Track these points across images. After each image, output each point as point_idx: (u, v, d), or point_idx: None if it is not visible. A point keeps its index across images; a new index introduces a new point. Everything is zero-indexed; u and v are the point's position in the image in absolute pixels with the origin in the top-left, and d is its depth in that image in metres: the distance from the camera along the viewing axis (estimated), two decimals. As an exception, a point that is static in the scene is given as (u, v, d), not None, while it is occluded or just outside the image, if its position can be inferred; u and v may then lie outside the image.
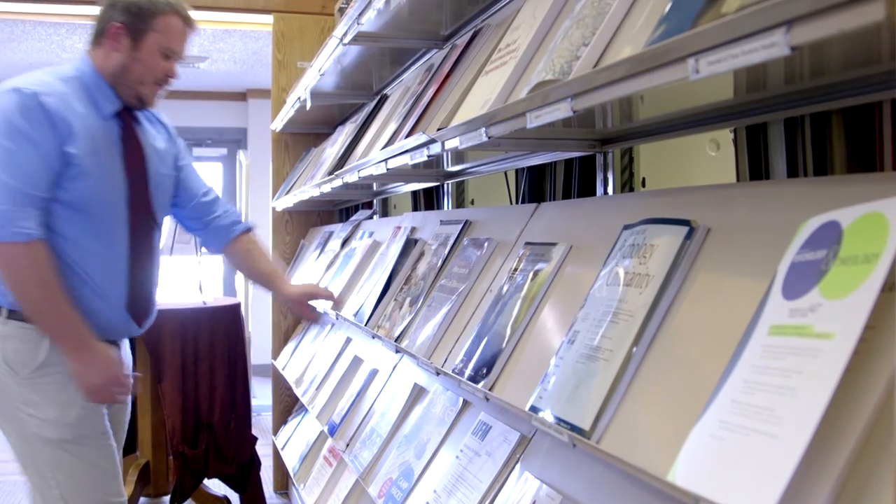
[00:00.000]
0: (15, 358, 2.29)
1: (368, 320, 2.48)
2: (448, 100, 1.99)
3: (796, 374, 0.83)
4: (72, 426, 2.31)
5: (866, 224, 0.85)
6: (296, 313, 2.85)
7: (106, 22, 2.39)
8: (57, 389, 2.31)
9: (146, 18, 2.37)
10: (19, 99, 2.21)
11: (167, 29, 2.41)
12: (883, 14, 0.65)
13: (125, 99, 2.43)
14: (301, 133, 5.05)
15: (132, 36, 2.38)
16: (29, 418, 2.29)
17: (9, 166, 2.19)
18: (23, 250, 2.20)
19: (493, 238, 2.00)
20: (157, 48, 2.40)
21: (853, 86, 1.25)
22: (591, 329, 1.31)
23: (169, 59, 2.44)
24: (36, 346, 2.30)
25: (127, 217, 2.43)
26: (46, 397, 2.30)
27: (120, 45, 2.38)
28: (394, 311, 2.36)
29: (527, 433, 1.67)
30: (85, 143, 2.28)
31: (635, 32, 1.15)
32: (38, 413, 2.29)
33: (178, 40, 2.45)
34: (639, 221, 1.36)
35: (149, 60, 2.40)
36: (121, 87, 2.41)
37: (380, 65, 3.37)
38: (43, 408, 2.29)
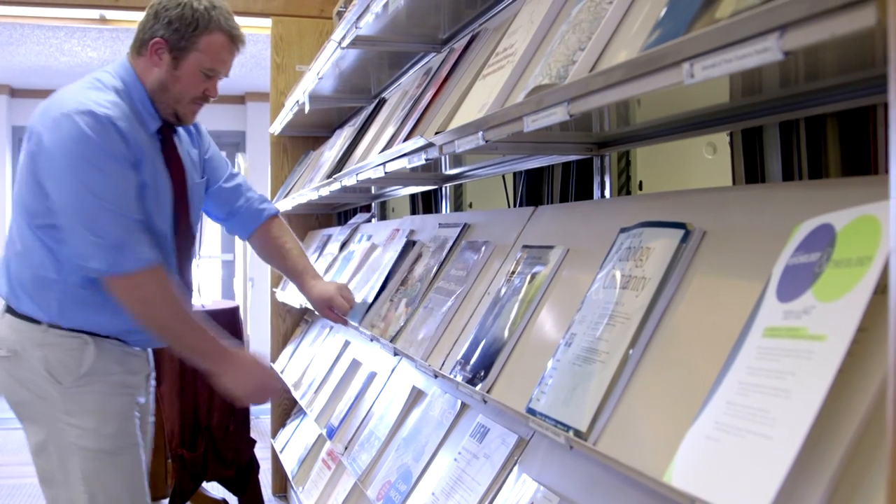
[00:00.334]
0: (58, 367, 2.24)
1: (362, 319, 2.48)
2: (446, 103, 2.00)
3: (790, 376, 0.84)
4: (111, 437, 2.28)
5: (859, 227, 0.85)
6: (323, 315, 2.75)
7: (148, 34, 2.28)
8: (98, 399, 2.28)
9: (189, 37, 2.25)
10: (96, 123, 2.11)
11: (210, 49, 2.28)
12: (874, 19, 0.66)
13: (163, 114, 2.34)
14: (299, 136, 5.05)
15: (173, 54, 2.27)
16: (68, 427, 2.24)
17: (107, 193, 2.12)
18: (147, 277, 2.16)
19: (490, 241, 2.01)
20: (198, 68, 2.29)
21: (848, 89, 1.26)
22: (587, 331, 1.31)
23: (210, 78, 2.33)
24: (80, 355, 2.26)
25: (172, 230, 2.38)
26: (87, 407, 2.26)
27: (160, 61, 2.27)
28: (389, 311, 2.37)
29: (524, 435, 1.68)
30: (146, 165, 2.24)
31: (631, 37, 1.16)
32: (78, 423, 2.24)
33: (222, 60, 2.33)
34: (635, 224, 1.37)
35: (188, 80, 2.30)
36: (159, 103, 2.31)
37: (378, 68, 3.38)
38: (84, 417, 2.25)
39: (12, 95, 9.04)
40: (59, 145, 2.12)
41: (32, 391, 2.27)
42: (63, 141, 2.11)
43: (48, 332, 2.25)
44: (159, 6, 2.28)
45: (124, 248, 2.13)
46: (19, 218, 2.28)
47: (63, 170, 2.12)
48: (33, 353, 2.25)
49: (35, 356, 2.25)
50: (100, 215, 2.11)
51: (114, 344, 2.32)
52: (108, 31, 6.46)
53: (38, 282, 2.25)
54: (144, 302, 2.19)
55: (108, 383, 2.29)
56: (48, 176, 2.15)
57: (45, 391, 2.25)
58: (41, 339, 2.25)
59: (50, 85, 8.56)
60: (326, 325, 3.98)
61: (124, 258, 2.13)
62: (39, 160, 2.16)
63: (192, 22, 2.25)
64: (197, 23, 2.25)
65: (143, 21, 2.31)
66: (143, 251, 2.15)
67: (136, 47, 2.33)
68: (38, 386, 2.25)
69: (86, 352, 2.26)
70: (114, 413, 2.30)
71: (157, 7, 2.28)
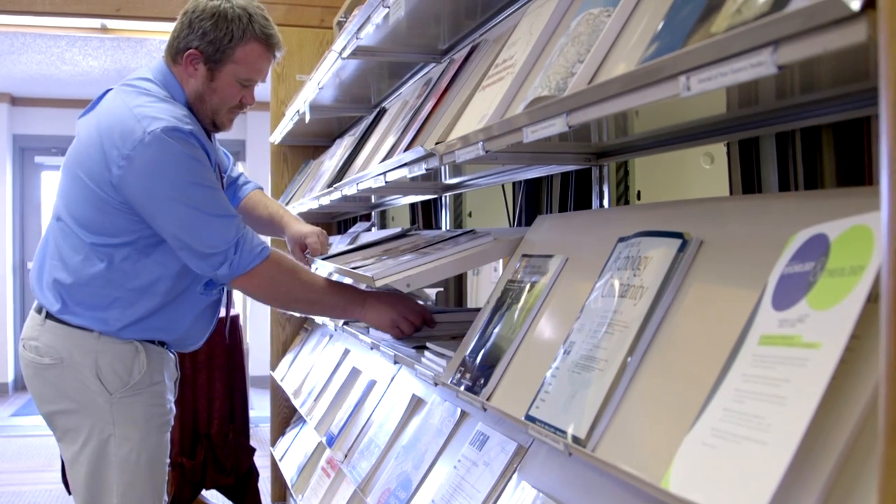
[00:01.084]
0: (110, 375, 2.25)
1: (369, 329, 2.50)
2: (446, 114, 2.02)
3: (785, 383, 0.85)
4: (151, 449, 2.29)
5: (853, 237, 0.87)
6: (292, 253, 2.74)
7: (183, 43, 2.27)
8: (144, 410, 2.29)
9: (224, 49, 2.25)
10: (184, 138, 2.13)
11: (247, 59, 2.28)
12: (865, 35, 0.68)
13: (201, 122, 2.34)
14: (300, 145, 5.08)
15: (208, 66, 2.27)
16: (111, 438, 2.25)
17: (212, 203, 2.17)
18: (269, 265, 2.21)
19: (490, 250, 2.03)
20: (234, 79, 2.29)
21: (843, 101, 1.28)
22: (586, 339, 1.33)
23: (247, 87, 2.35)
24: (131, 364, 2.27)
25: None
26: (134, 417, 2.27)
27: (196, 72, 2.28)
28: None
29: (524, 443, 1.69)
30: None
31: (629, 49, 1.18)
32: (122, 433, 2.25)
33: (258, 69, 2.34)
34: (633, 234, 1.38)
35: (225, 91, 2.31)
36: (197, 112, 2.33)
37: (378, 78, 3.40)
38: (129, 428, 2.26)
39: (13, 104, 9.06)
40: (156, 167, 2.12)
41: (76, 400, 2.26)
42: (161, 162, 2.11)
43: (100, 339, 2.25)
44: (193, 15, 2.26)
45: (241, 249, 2.17)
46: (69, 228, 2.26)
47: (165, 190, 2.13)
48: (83, 360, 2.24)
49: (85, 364, 2.24)
50: (211, 227, 2.15)
51: (158, 351, 2.34)
52: (110, 41, 6.49)
53: (91, 292, 2.24)
54: (277, 289, 2.25)
55: (152, 393, 2.31)
56: (147, 196, 2.15)
57: (90, 400, 2.24)
58: (93, 346, 2.25)
59: (50, 94, 8.69)
60: (326, 333, 3.99)
61: (244, 257, 2.18)
62: (129, 179, 2.14)
63: (228, 34, 2.24)
64: (232, 34, 2.24)
65: (178, 28, 2.29)
66: (258, 243, 2.21)
67: (171, 54, 2.32)
68: (84, 395, 2.25)
69: (137, 360, 2.27)
70: (156, 425, 2.32)
71: (190, 15, 2.26)
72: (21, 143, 9.19)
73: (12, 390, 9.00)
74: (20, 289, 9.20)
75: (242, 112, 2.43)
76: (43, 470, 5.82)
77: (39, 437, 6.54)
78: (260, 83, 2.40)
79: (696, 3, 0.98)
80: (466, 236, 2.14)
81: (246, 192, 2.85)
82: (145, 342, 2.30)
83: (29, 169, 9.32)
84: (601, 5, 1.32)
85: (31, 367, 2.31)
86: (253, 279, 2.21)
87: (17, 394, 8.93)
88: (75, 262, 2.25)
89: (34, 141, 9.12)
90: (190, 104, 2.31)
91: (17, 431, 7.02)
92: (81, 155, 2.25)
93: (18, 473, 5.79)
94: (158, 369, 2.34)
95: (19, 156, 9.27)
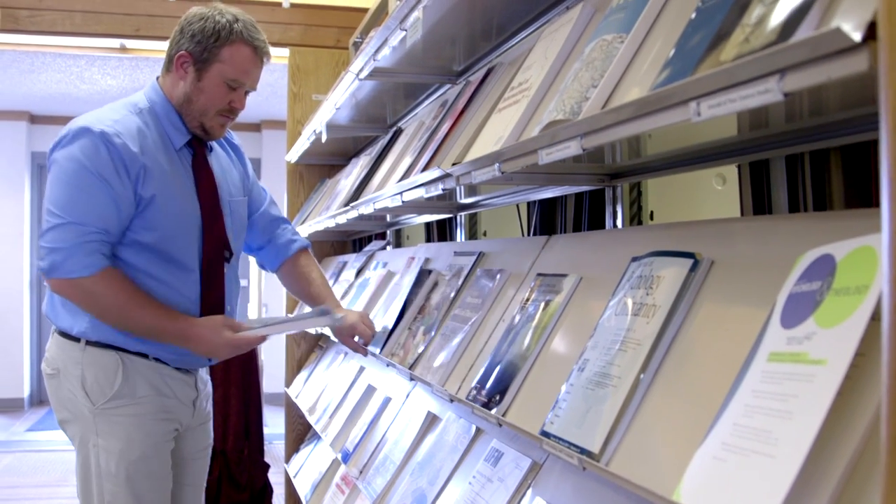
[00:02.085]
0: (93, 386, 2.29)
1: (383, 349, 2.53)
2: (463, 135, 2.05)
3: (792, 399, 0.88)
4: (134, 462, 2.29)
5: (858, 257, 0.90)
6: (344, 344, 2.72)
7: (175, 49, 2.35)
8: (125, 423, 2.30)
9: (211, 48, 2.31)
10: (88, 140, 2.20)
11: (233, 59, 2.33)
12: (866, 65, 0.71)
13: (191, 128, 2.39)
14: (316, 164, 5.12)
15: (197, 66, 2.33)
16: (93, 448, 2.29)
17: (76, 208, 2.19)
18: (90, 283, 2.21)
19: (505, 269, 2.06)
20: (221, 79, 2.34)
21: (850, 125, 1.31)
22: (600, 357, 1.36)
23: (235, 89, 2.37)
24: (113, 376, 2.30)
25: (199, 249, 2.40)
26: (114, 429, 2.29)
27: (185, 74, 2.34)
28: (407, 339, 2.41)
29: (538, 459, 1.72)
30: (158, 182, 2.29)
31: (642, 74, 1.21)
32: (104, 444, 2.28)
33: (245, 71, 2.36)
34: (646, 254, 1.41)
35: (212, 91, 2.35)
36: (186, 116, 2.38)
37: (394, 98, 3.44)
38: (110, 439, 2.29)
39: (32, 122, 9.17)
40: (54, 160, 2.26)
41: (70, 410, 2.33)
42: (58, 157, 2.25)
43: (86, 351, 2.30)
44: (185, 22, 2.36)
45: (67, 254, 2.19)
46: None
47: (49, 184, 2.27)
48: (73, 371, 2.31)
49: (74, 375, 2.30)
50: (56, 226, 2.20)
51: (150, 365, 2.35)
52: (128, 60, 6.57)
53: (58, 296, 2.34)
54: (92, 305, 2.26)
55: (138, 406, 2.32)
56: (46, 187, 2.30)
57: (80, 410, 2.30)
58: (80, 357, 2.31)
59: (69, 112, 8.78)
60: (341, 350, 4.02)
61: (68, 264, 2.19)
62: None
63: (214, 34, 2.31)
64: (219, 34, 2.31)
65: (171, 39, 2.39)
66: (91, 261, 2.20)
67: (165, 65, 2.42)
68: (74, 405, 2.31)
69: (117, 372, 2.30)
70: (141, 439, 2.32)
71: (182, 24, 2.36)
72: (39, 160, 9.29)
73: (28, 406, 9.06)
74: (37, 305, 9.27)
75: (232, 118, 2.45)
76: (58, 485, 5.85)
77: (55, 451, 6.59)
78: (251, 90, 2.44)
79: (707, 32, 1.02)
80: (485, 277, 2.19)
81: (291, 252, 2.80)
82: (131, 355, 2.33)
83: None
84: (615, 31, 1.35)
85: (44, 377, 2.43)
86: (68, 287, 2.24)
87: (33, 409, 8.99)
88: None
89: (52, 159, 9.21)
90: (179, 109, 2.38)
91: (32, 446, 7.07)
92: None
93: (34, 488, 5.83)
94: (146, 383, 2.34)
95: (38, 173, 9.37)
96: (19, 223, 9.05)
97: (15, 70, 7.06)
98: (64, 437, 2.44)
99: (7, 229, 9.02)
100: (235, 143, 2.69)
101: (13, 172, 9.06)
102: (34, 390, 9.21)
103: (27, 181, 9.13)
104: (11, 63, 6.80)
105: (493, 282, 2.06)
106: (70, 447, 2.42)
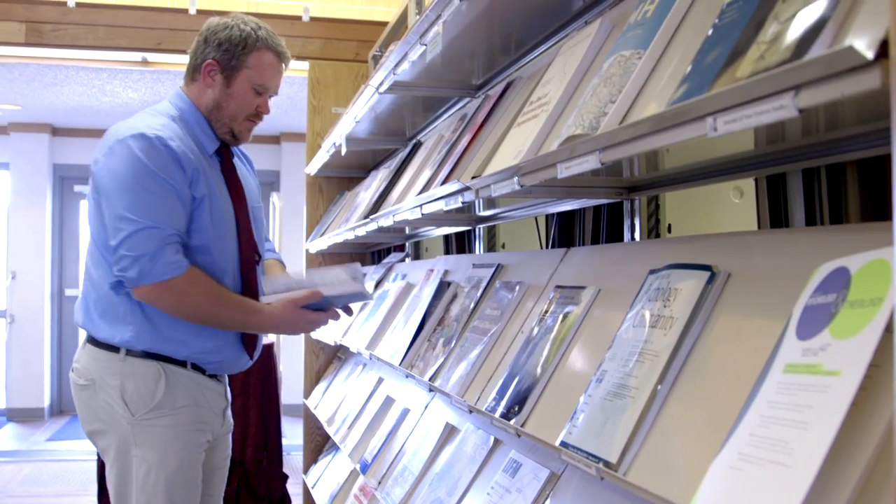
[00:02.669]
0: (133, 396, 2.31)
1: (403, 360, 2.54)
2: (482, 149, 2.07)
3: (807, 409, 0.90)
4: (172, 473, 2.32)
5: (872, 270, 0.92)
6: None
7: (200, 58, 2.43)
8: (165, 433, 2.33)
9: (239, 55, 2.40)
10: (148, 144, 2.25)
11: (260, 65, 2.43)
12: (879, 82, 0.73)
13: (220, 135, 2.47)
14: (335, 176, 5.15)
15: (225, 73, 2.42)
16: (133, 459, 2.31)
17: (150, 211, 2.23)
18: (181, 283, 2.26)
19: (524, 281, 2.07)
20: (249, 84, 2.43)
21: (866, 139, 1.32)
22: (618, 368, 1.37)
23: (261, 94, 2.47)
24: (154, 386, 2.32)
25: (237, 253, 2.46)
26: (154, 440, 2.31)
27: (213, 81, 2.43)
28: (427, 351, 2.42)
29: (556, 470, 1.73)
30: (203, 185, 2.35)
31: (659, 90, 1.23)
32: (142, 455, 2.30)
33: (271, 76, 2.47)
34: (664, 266, 1.43)
35: (241, 97, 2.44)
36: (215, 122, 2.46)
37: (413, 112, 3.47)
38: (149, 450, 2.31)
39: (54, 134, 9.26)
40: (110, 170, 2.26)
41: (105, 421, 2.33)
42: (115, 165, 2.26)
43: (126, 361, 2.32)
44: (208, 32, 2.43)
45: (154, 258, 2.22)
46: (92, 244, 2.39)
47: (112, 192, 2.26)
48: (110, 381, 2.32)
49: (111, 385, 2.32)
50: (135, 232, 2.22)
51: (188, 375, 2.39)
52: (150, 73, 6.63)
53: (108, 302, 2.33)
54: (183, 306, 2.30)
55: (177, 417, 2.35)
56: (105, 198, 2.28)
57: (116, 421, 2.31)
58: (119, 367, 2.32)
59: (90, 124, 8.86)
60: (360, 362, 4.04)
61: (156, 268, 2.22)
62: (99, 186, 2.30)
63: (241, 41, 2.40)
64: (245, 42, 2.40)
65: (194, 48, 2.46)
66: (176, 259, 2.25)
67: (189, 75, 2.48)
68: (111, 416, 2.32)
69: (158, 382, 2.33)
70: (178, 450, 2.35)
71: (206, 33, 2.44)
72: (61, 172, 9.38)
73: (48, 415, 9.12)
74: (58, 316, 9.35)
75: (258, 122, 2.54)
76: (78, 494, 5.89)
77: (75, 461, 6.63)
78: (273, 95, 2.53)
79: (723, 48, 1.03)
80: (504, 289, 2.21)
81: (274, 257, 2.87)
82: (171, 365, 2.36)
83: (69, 197, 9.51)
84: (632, 47, 1.37)
85: (73, 388, 2.43)
86: (160, 291, 2.25)
87: (54, 419, 9.05)
88: (97, 276, 2.37)
89: (74, 170, 9.30)
90: (208, 116, 2.45)
91: (53, 456, 7.12)
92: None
93: (55, 497, 5.87)
94: (184, 394, 2.37)
95: (59, 184, 9.45)
96: (41, 235, 9.13)
97: (38, 83, 7.14)
98: (85, 447, 2.47)
99: (29, 241, 9.10)
100: (246, 153, 2.75)
101: (35, 184, 9.15)
102: (54, 400, 9.27)
103: (49, 193, 9.21)
104: (35, 76, 6.88)
105: (512, 294, 2.07)
106: (90, 457, 2.45)
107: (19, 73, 6.77)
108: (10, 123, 9.02)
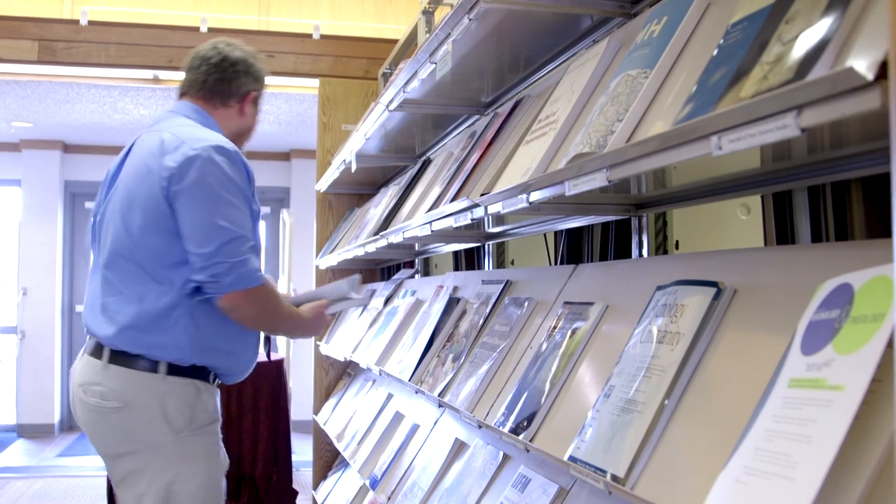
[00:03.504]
0: (176, 416, 2.31)
1: (412, 376, 2.56)
2: (491, 166, 2.09)
3: (811, 423, 0.91)
4: (211, 487, 2.36)
5: (875, 286, 0.93)
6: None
7: (242, 88, 2.57)
8: (203, 449, 2.36)
9: (263, 83, 2.62)
10: (227, 158, 2.32)
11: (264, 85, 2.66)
12: (878, 103, 0.75)
13: None
14: (345, 193, 5.18)
15: (257, 102, 2.63)
16: (175, 476, 2.30)
17: (237, 221, 2.30)
18: (264, 291, 2.35)
19: (533, 297, 2.09)
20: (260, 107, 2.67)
21: (871, 157, 1.33)
22: (625, 383, 1.39)
23: None
24: (194, 403, 2.34)
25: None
26: (196, 456, 2.34)
27: (252, 111, 2.60)
28: (437, 367, 2.44)
29: (565, 485, 1.74)
30: (257, 201, 2.46)
31: (666, 108, 1.25)
32: (188, 470, 2.32)
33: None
34: (671, 283, 1.45)
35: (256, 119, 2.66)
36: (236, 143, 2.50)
37: (422, 129, 3.49)
38: (192, 465, 2.33)
39: (65, 151, 9.31)
40: (198, 180, 2.28)
41: (142, 441, 2.30)
42: (203, 176, 2.28)
43: (166, 381, 2.31)
44: (245, 64, 2.58)
45: (249, 266, 2.29)
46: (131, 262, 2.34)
47: (202, 202, 2.29)
48: (150, 402, 2.29)
49: (151, 405, 2.29)
50: (232, 240, 2.27)
51: (210, 389, 2.42)
52: (161, 91, 6.68)
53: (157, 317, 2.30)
54: (266, 312, 2.41)
55: (212, 431, 2.40)
56: (186, 208, 2.29)
57: (158, 441, 2.30)
58: (159, 387, 2.30)
59: (101, 141, 8.90)
60: (370, 378, 4.05)
61: (250, 276, 2.30)
62: (179, 195, 2.29)
63: (261, 69, 2.61)
64: (263, 69, 2.62)
65: (230, 77, 2.56)
66: (259, 268, 2.34)
67: (221, 99, 2.57)
68: (152, 436, 2.30)
69: (199, 399, 2.36)
70: (216, 463, 2.40)
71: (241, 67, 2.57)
72: (72, 188, 9.43)
73: (58, 431, 9.13)
74: (68, 332, 9.37)
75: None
76: (89, 510, 5.91)
77: (85, 477, 6.64)
78: None
79: (728, 69, 1.05)
80: (513, 305, 2.23)
81: None
82: (201, 381, 2.37)
83: (79, 214, 9.55)
84: (639, 67, 1.39)
85: (95, 411, 2.34)
86: (248, 297, 2.31)
87: (63, 434, 9.06)
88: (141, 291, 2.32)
89: (85, 187, 9.35)
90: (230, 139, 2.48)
91: (63, 472, 7.13)
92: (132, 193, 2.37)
93: (65, 514, 5.89)
94: (213, 408, 2.42)
95: (70, 201, 9.50)
96: (52, 251, 9.17)
97: (50, 100, 7.19)
98: (94, 463, 2.47)
99: (40, 257, 9.13)
100: None
101: (46, 201, 9.19)
102: (64, 416, 9.29)
103: (60, 209, 9.26)
104: (47, 94, 6.93)
105: (521, 310, 2.09)
106: (100, 473, 2.46)
107: (31, 90, 6.82)
108: (22, 140, 9.07)
